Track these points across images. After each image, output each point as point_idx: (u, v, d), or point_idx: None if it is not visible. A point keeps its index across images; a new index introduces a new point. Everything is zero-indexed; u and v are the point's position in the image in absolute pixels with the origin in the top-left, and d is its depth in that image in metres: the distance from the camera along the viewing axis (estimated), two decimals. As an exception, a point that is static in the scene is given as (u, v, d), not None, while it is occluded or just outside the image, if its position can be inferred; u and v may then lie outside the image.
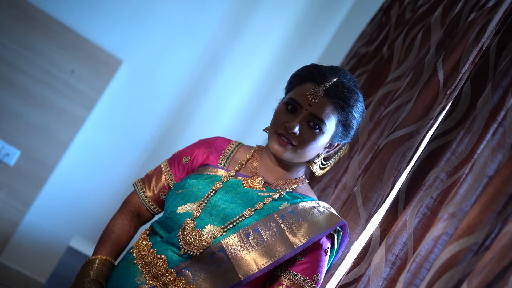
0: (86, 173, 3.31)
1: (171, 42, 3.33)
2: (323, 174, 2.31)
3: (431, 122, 1.81)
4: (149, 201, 1.78)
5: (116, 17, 3.23)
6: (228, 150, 1.78)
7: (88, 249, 3.13)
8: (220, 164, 1.75)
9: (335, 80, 1.64)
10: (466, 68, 1.77)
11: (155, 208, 1.79)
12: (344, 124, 1.65)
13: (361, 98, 1.67)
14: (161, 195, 1.78)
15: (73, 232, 3.30)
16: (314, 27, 3.55)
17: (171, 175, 1.77)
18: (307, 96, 1.62)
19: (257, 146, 1.81)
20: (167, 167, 1.79)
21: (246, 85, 3.50)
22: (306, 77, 1.66)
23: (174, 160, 1.80)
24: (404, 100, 1.98)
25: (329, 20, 3.56)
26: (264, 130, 1.74)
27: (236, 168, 1.73)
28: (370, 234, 1.70)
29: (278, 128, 1.64)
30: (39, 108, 3.14)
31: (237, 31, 3.43)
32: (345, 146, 1.74)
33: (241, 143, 1.82)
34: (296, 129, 1.61)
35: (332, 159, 1.74)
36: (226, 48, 3.43)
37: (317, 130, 1.62)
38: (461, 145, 1.55)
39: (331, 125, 1.63)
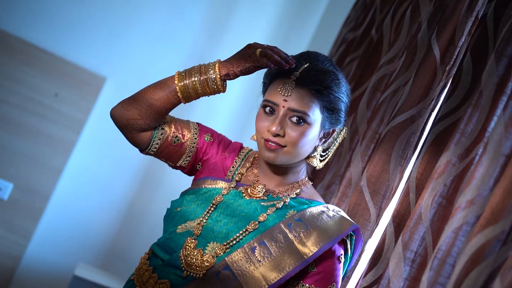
0: (83, 197, 3.28)
1: (154, 51, 3.29)
2: (326, 171, 2.22)
3: (433, 102, 1.72)
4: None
5: (94, 34, 3.20)
6: (239, 158, 1.68)
7: (94, 276, 3.06)
8: (228, 176, 1.64)
9: (305, 66, 1.55)
10: (463, 40, 1.68)
11: (154, 144, 1.62)
12: (329, 108, 1.54)
13: (340, 76, 1.56)
14: (173, 139, 1.62)
15: (77, 260, 3.26)
16: (297, 19, 3.49)
17: (197, 128, 1.66)
18: (279, 92, 1.53)
19: (256, 152, 1.70)
20: (195, 125, 1.69)
21: (237, 86, 3.42)
22: (275, 73, 1.57)
23: (203, 127, 1.69)
24: (400, 83, 1.88)
25: (312, 9, 3.51)
26: (251, 139, 1.64)
27: (237, 178, 1.63)
28: (384, 231, 1.60)
29: (263, 134, 1.55)
30: (26, 137, 3.11)
31: (219, 32, 3.38)
32: (343, 130, 1.63)
33: (251, 149, 1.72)
34: (279, 130, 1.51)
35: (332, 148, 1.63)
36: (210, 51, 3.37)
37: (302, 124, 1.52)
38: (470, 124, 1.44)
39: (315, 114, 1.53)
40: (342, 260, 1.52)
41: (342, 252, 1.52)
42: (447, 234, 1.28)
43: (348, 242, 1.54)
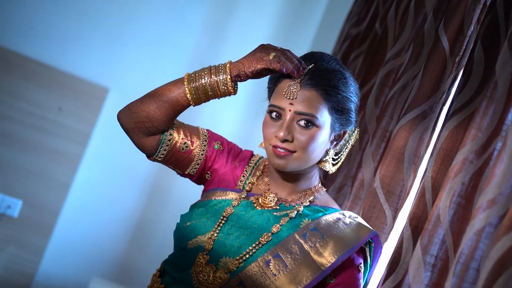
0: (93, 211, 3.24)
1: (155, 57, 3.25)
2: (337, 172, 2.15)
3: (444, 96, 1.64)
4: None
5: (93, 44, 3.16)
6: (249, 166, 1.62)
7: (109, 290, 3.02)
8: (238, 186, 1.59)
9: (310, 67, 1.49)
10: (472, 29, 1.61)
11: (162, 150, 1.57)
12: (338, 109, 1.48)
13: (347, 75, 1.50)
14: (182, 145, 1.57)
15: (91, 274, 3.23)
16: (298, 18, 3.45)
17: (206, 135, 1.61)
18: (284, 96, 1.47)
19: (267, 160, 1.64)
20: (205, 132, 1.64)
21: (242, 90, 3.38)
22: (279, 76, 1.51)
23: (213, 134, 1.64)
24: (409, 77, 1.81)
25: (313, 6, 3.46)
26: (260, 146, 1.58)
27: (247, 188, 1.57)
28: (400, 234, 1.53)
29: (271, 141, 1.48)
30: (32, 153, 3.07)
31: (221, 34, 3.35)
32: (355, 131, 1.57)
33: (262, 157, 1.66)
34: (287, 135, 1.45)
35: (344, 150, 1.57)
36: (212, 54, 3.33)
37: (311, 127, 1.46)
38: (486, 118, 1.37)
39: (323, 116, 1.46)
40: (362, 269, 1.45)
41: (362, 260, 1.46)
42: (469, 237, 1.21)
43: (367, 249, 1.47)
